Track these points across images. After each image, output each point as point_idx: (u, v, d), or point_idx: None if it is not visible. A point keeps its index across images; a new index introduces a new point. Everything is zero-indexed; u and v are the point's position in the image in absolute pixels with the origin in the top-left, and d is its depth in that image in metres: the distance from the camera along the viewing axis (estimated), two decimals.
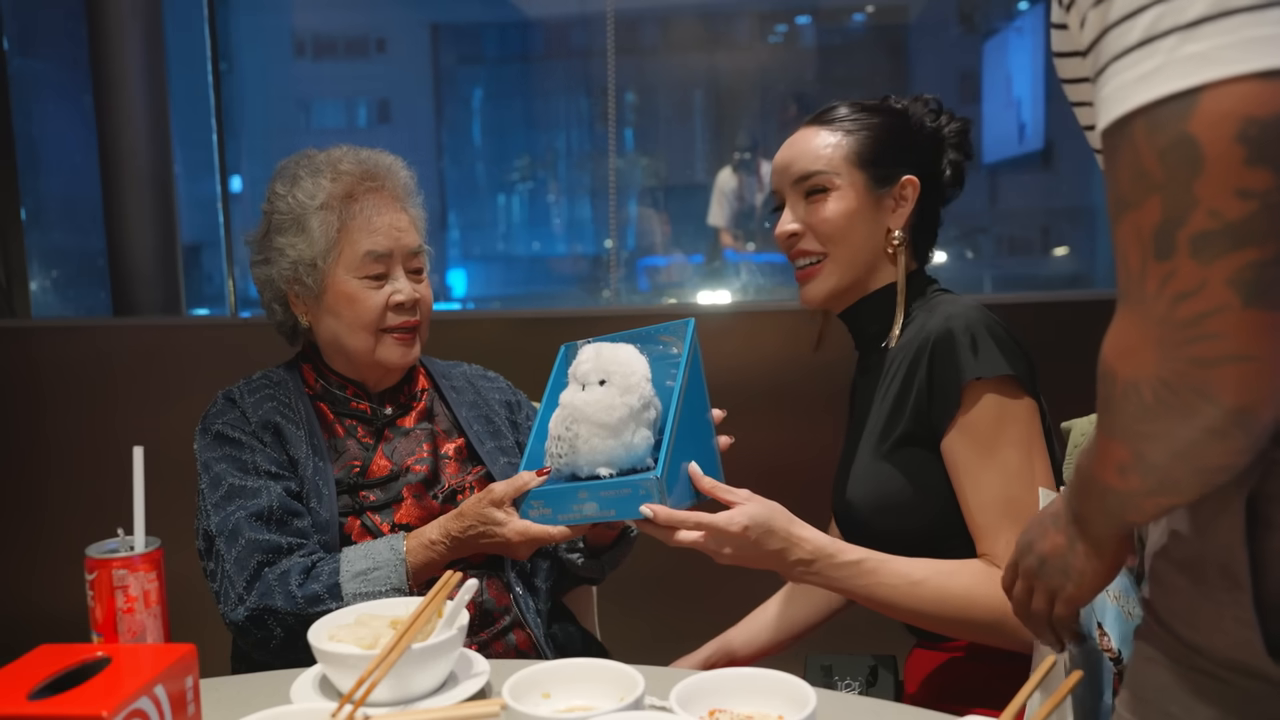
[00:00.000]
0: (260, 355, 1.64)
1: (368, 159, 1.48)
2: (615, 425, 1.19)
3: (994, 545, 1.23)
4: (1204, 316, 0.61)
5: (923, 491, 1.29)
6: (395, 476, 1.45)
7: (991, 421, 1.23)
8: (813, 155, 1.37)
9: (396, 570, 1.30)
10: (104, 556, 1.03)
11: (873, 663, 1.42)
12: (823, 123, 1.39)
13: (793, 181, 1.38)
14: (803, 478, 1.82)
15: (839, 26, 7.56)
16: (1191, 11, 0.60)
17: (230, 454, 1.39)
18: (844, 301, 1.40)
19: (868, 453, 1.34)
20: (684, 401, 1.21)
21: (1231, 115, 0.59)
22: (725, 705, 0.92)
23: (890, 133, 1.37)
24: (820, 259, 1.37)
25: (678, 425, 1.20)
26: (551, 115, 8.20)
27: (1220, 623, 0.73)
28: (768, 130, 7.14)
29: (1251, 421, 0.64)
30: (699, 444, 1.25)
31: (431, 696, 1.02)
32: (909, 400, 1.28)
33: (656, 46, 7.26)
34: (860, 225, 1.35)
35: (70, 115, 3.56)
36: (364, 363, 1.47)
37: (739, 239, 6.12)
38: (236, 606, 1.30)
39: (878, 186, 1.36)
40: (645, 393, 1.20)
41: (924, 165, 1.39)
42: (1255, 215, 0.59)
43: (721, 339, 2.44)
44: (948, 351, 1.25)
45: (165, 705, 0.84)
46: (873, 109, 1.39)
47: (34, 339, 2.60)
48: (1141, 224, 0.63)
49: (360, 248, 1.42)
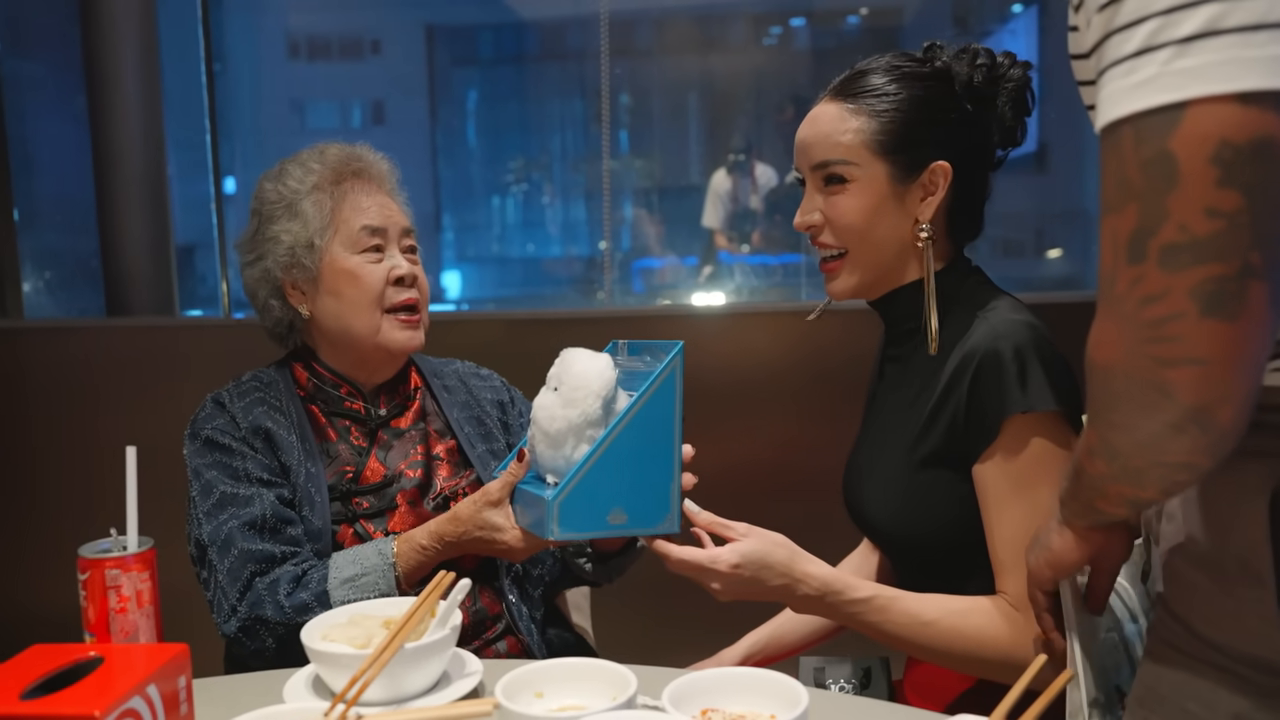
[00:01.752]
0: (253, 356, 1.63)
1: (350, 149, 1.50)
2: (555, 436, 1.16)
3: (1014, 584, 1.16)
4: (1165, 320, 0.66)
5: (947, 511, 1.23)
6: (389, 483, 1.44)
7: (1031, 459, 1.15)
8: (831, 140, 1.24)
9: (385, 576, 1.29)
10: (97, 556, 1.03)
11: (866, 664, 1.42)
12: (847, 96, 1.25)
13: (810, 167, 1.27)
14: (801, 478, 1.82)
15: (833, 29, 7.58)
16: (1186, 27, 0.63)
17: (221, 460, 1.38)
18: (874, 293, 1.30)
19: (894, 461, 1.26)
20: (632, 426, 1.16)
21: (1209, 137, 0.63)
22: (717, 705, 0.92)
23: (922, 109, 1.23)
24: (842, 253, 1.27)
25: (605, 450, 1.15)
26: (546, 117, 8.21)
27: (1242, 620, 0.75)
28: (762, 132, 7.15)
29: (1207, 420, 0.68)
30: (649, 474, 1.18)
31: (424, 696, 1.02)
32: (942, 418, 1.20)
33: (651, 48, 7.26)
34: (883, 221, 1.23)
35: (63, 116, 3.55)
36: (366, 347, 1.45)
37: (733, 240, 6.13)
38: (230, 618, 1.30)
39: (903, 176, 1.23)
40: (590, 409, 1.15)
41: (962, 140, 1.25)
42: (1221, 234, 0.63)
43: (718, 340, 2.44)
44: (993, 376, 1.15)
45: (158, 705, 0.84)
46: (908, 76, 1.24)
47: (27, 340, 2.60)
48: (1119, 228, 0.67)
49: (356, 222, 1.43)
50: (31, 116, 3.48)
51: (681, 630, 1.91)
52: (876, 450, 1.32)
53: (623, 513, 1.17)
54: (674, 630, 1.94)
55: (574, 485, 1.14)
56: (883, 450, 1.30)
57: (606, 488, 1.16)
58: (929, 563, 1.28)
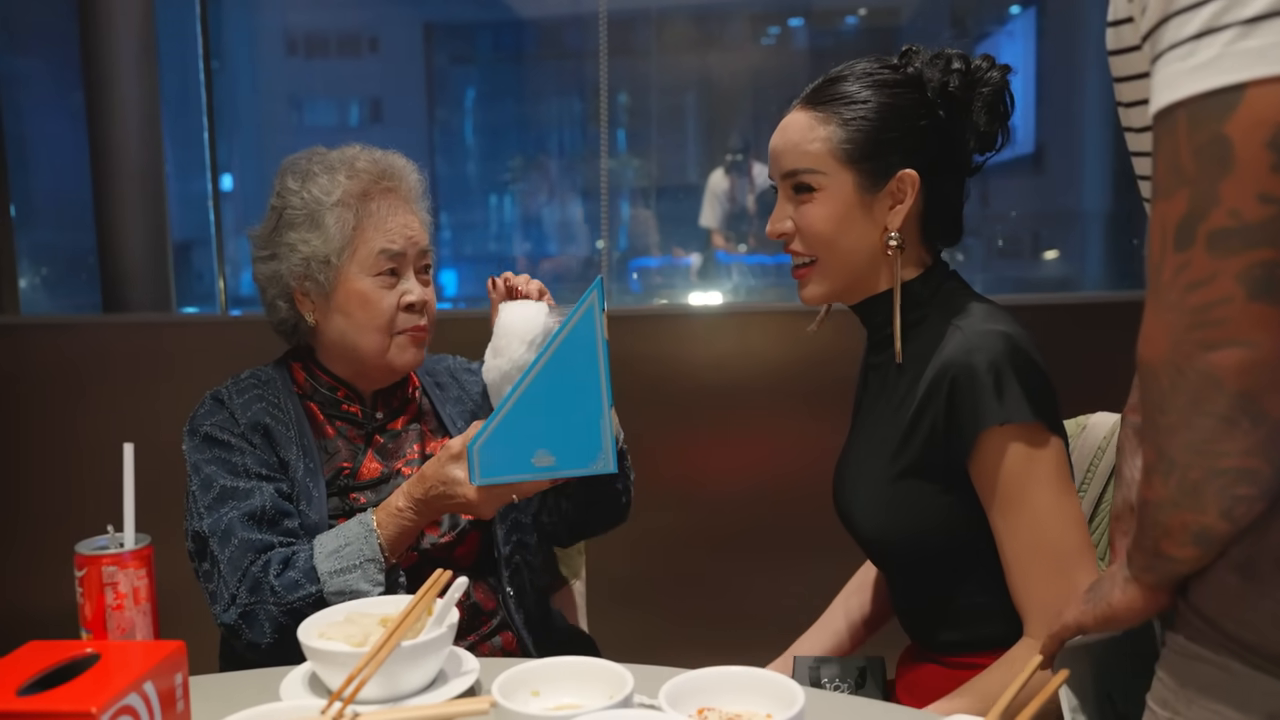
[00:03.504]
0: (250, 353, 1.64)
1: (382, 159, 1.46)
2: (493, 386, 1.16)
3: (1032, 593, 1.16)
4: (1212, 305, 0.66)
5: (931, 519, 1.23)
6: (386, 479, 1.44)
7: (1014, 469, 1.16)
8: (799, 149, 1.25)
9: (368, 541, 1.29)
10: (94, 553, 1.03)
11: (862, 664, 1.42)
12: (816, 104, 1.25)
13: (780, 175, 1.28)
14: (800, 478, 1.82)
15: (831, 29, 7.58)
16: (1253, 8, 0.63)
17: (220, 456, 1.39)
18: (849, 299, 1.31)
19: (876, 471, 1.27)
20: (550, 367, 1.14)
21: (1266, 121, 0.62)
22: (713, 704, 0.92)
23: (890, 117, 1.23)
24: (810, 261, 1.28)
25: (522, 392, 1.14)
26: (544, 116, 8.20)
27: (1277, 620, 0.74)
28: (760, 132, 7.15)
29: (1257, 411, 0.67)
30: (574, 414, 1.16)
31: (421, 694, 1.03)
32: (921, 429, 1.20)
33: (649, 48, 7.26)
34: (850, 230, 1.24)
35: (61, 112, 3.55)
36: (372, 364, 1.45)
37: (731, 240, 6.13)
38: (230, 607, 1.30)
39: (870, 185, 1.23)
40: (516, 355, 1.16)
41: (933, 147, 1.24)
42: (1273, 219, 0.63)
43: (715, 340, 2.44)
44: (968, 390, 1.15)
45: (154, 702, 0.84)
46: (878, 83, 1.24)
47: (23, 336, 2.59)
48: (1168, 215, 0.67)
49: (375, 246, 1.41)
50: (29, 112, 3.48)
51: (678, 629, 1.91)
52: (861, 459, 1.33)
53: (549, 454, 1.17)
54: (670, 629, 1.95)
55: (493, 429, 1.14)
56: (866, 459, 1.31)
57: (529, 430, 1.15)
58: (918, 569, 1.28)
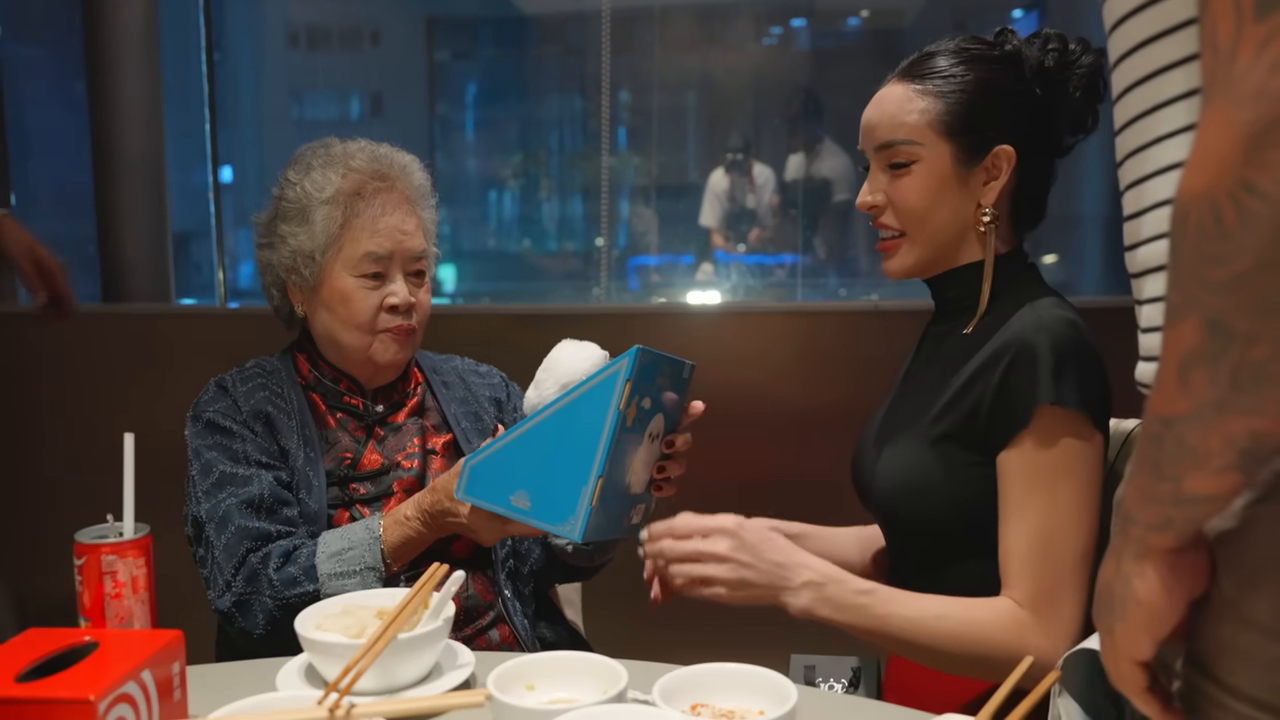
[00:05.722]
0: (248, 346, 1.64)
1: (383, 157, 1.46)
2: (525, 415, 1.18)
3: (1024, 584, 1.14)
4: None
5: (954, 492, 1.21)
6: (386, 471, 1.45)
7: (1056, 452, 1.14)
8: (896, 121, 1.23)
9: (371, 549, 1.29)
10: (93, 542, 1.03)
11: (856, 664, 1.43)
12: (914, 77, 1.24)
13: (874, 148, 1.26)
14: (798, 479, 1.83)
15: (834, 29, 7.57)
16: None
17: (221, 442, 1.39)
18: (929, 273, 1.30)
19: (909, 433, 1.25)
20: (558, 416, 1.14)
21: None
22: (707, 700, 0.93)
23: (989, 92, 1.22)
24: (900, 234, 1.26)
25: (525, 430, 1.15)
26: (545, 112, 8.20)
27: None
28: (760, 132, 7.15)
29: None
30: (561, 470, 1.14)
31: (416, 686, 1.03)
32: (967, 399, 1.19)
33: (651, 46, 7.26)
34: (945, 204, 1.23)
35: (62, 102, 3.56)
36: (357, 360, 1.46)
37: (730, 240, 6.13)
38: (224, 593, 1.31)
39: (967, 159, 1.22)
40: (547, 393, 1.18)
41: (1028, 125, 1.23)
42: None
43: (714, 339, 2.45)
44: (1028, 365, 1.14)
45: (152, 690, 0.85)
46: (975, 58, 1.23)
47: (23, 325, 2.60)
48: None
49: (360, 247, 1.41)
50: (30, 102, 3.48)
51: (672, 626, 1.92)
52: (897, 416, 1.32)
53: (526, 498, 1.17)
54: (665, 626, 1.95)
55: (489, 453, 1.16)
56: (904, 416, 1.30)
57: (518, 467, 1.16)
58: (927, 540, 1.27)
